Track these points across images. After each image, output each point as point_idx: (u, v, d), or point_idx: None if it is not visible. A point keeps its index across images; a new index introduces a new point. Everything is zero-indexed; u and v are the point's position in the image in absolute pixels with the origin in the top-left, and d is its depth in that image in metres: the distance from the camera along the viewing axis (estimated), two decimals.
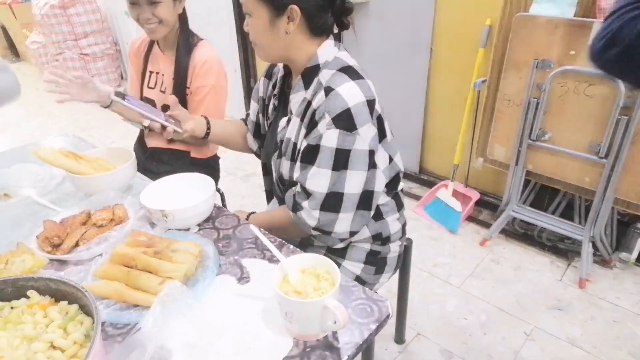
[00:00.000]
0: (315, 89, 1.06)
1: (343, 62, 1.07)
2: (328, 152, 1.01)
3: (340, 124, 0.99)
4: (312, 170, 1.05)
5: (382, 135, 1.10)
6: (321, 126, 1.01)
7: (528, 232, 2.29)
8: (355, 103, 1.00)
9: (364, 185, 1.06)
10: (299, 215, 1.09)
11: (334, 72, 1.04)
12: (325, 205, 1.06)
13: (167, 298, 0.80)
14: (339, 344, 0.79)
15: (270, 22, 1.02)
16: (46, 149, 1.20)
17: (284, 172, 1.16)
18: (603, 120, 1.76)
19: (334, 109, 0.99)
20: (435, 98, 2.54)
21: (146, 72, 1.67)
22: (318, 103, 1.02)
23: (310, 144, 1.04)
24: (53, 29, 4.28)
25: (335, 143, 1.00)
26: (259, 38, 1.07)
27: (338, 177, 1.03)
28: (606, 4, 1.67)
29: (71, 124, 3.99)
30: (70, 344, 0.68)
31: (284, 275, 0.83)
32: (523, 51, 1.88)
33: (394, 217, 1.25)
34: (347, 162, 1.02)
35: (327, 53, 1.08)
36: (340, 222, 1.08)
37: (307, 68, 1.08)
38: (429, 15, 2.33)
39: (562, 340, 1.74)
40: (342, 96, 1.00)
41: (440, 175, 2.74)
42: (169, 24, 1.50)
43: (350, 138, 1.00)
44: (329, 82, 1.03)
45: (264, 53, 1.11)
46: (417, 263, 2.14)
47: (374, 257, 1.25)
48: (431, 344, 1.74)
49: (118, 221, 1.10)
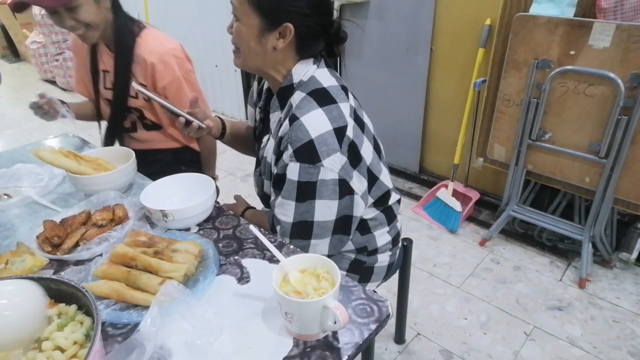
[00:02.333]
0: (287, 112, 1.02)
1: (317, 84, 1.02)
2: (291, 184, 0.98)
3: (302, 157, 0.95)
4: (279, 200, 1.03)
5: (356, 161, 1.02)
6: (285, 156, 0.98)
7: (528, 232, 2.29)
8: (319, 134, 0.95)
9: (337, 212, 1.02)
10: (277, 236, 1.08)
11: (304, 95, 1.00)
12: (294, 233, 1.04)
13: (165, 298, 0.80)
14: (339, 344, 0.79)
15: (260, 34, 0.98)
16: (46, 149, 1.20)
17: (266, 189, 1.15)
18: (603, 120, 1.76)
19: (296, 141, 0.95)
20: (435, 98, 2.54)
21: (98, 72, 1.54)
22: (284, 131, 0.99)
23: (278, 172, 1.02)
24: (53, 29, 4.28)
25: (296, 176, 0.97)
26: (242, 44, 1.02)
27: (306, 207, 1.00)
28: (606, 4, 1.67)
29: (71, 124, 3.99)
30: (70, 344, 0.68)
31: (284, 275, 0.83)
32: (523, 51, 1.88)
33: (382, 230, 1.21)
34: (314, 193, 0.98)
35: (302, 72, 1.03)
36: (314, 247, 1.06)
37: (282, 87, 1.05)
38: (429, 15, 2.33)
39: (562, 340, 1.74)
40: (305, 127, 0.95)
41: (440, 175, 2.74)
42: (98, 25, 1.37)
43: (313, 170, 0.96)
44: (296, 108, 0.99)
45: (242, 60, 1.05)
46: (417, 263, 2.15)
47: (359, 266, 1.23)
48: (431, 344, 1.74)
49: (118, 221, 1.10)
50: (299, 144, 0.95)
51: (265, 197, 1.19)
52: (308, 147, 0.95)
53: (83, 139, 1.68)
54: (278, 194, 1.03)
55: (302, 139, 0.95)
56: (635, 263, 2.08)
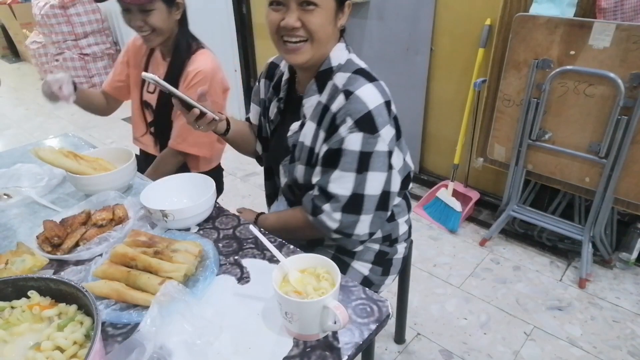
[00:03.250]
0: (331, 93, 1.05)
1: (356, 65, 1.07)
2: (352, 155, 1.01)
3: (363, 127, 0.99)
4: (335, 173, 1.03)
5: (398, 135, 1.09)
6: (343, 130, 1.00)
7: (528, 232, 2.29)
8: (375, 105, 1.00)
9: (383, 186, 1.06)
10: (319, 219, 1.07)
11: (349, 74, 1.04)
12: (348, 207, 1.05)
13: (165, 298, 0.80)
14: (339, 344, 0.79)
15: (335, 15, 1.01)
16: (46, 149, 1.20)
17: (299, 176, 1.14)
18: (603, 120, 1.76)
19: (355, 112, 0.99)
20: (435, 98, 2.54)
21: None
22: (338, 107, 1.01)
23: (331, 148, 1.03)
24: (53, 29, 4.28)
25: (359, 146, 1.00)
26: (320, 32, 1.00)
27: (361, 179, 1.03)
28: (606, 4, 1.67)
29: (71, 124, 3.99)
30: (70, 344, 0.68)
31: (284, 275, 0.83)
32: (523, 51, 1.88)
33: (403, 218, 1.25)
34: (369, 164, 1.02)
35: (339, 56, 1.07)
36: (361, 223, 1.07)
37: (321, 71, 1.07)
38: (429, 15, 2.33)
39: (562, 340, 1.74)
40: (362, 99, 0.99)
41: (440, 175, 2.74)
42: (163, 32, 1.44)
43: (372, 140, 1.00)
44: (346, 85, 1.02)
45: (314, 50, 1.03)
46: (417, 263, 2.15)
47: (382, 258, 1.25)
48: (431, 344, 1.74)
49: (118, 221, 1.10)
50: (360, 115, 0.99)
51: (295, 184, 1.17)
52: (368, 118, 0.99)
53: (83, 139, 1.68)
54: (328, 171, 1.04)
55: (362, 110, 0.99)
56: (635, 263, 2.08)
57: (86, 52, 4.48)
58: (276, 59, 1.27)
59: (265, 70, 1.28)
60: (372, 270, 1.24)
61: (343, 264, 1.21)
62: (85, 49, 4.46)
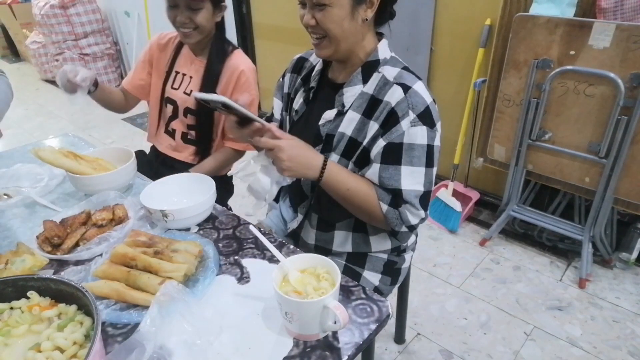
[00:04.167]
0: (379, 84, 1.05)
1: (401, 62, 1.08)
2: (420, 149, 1.01)
3: (425, 120, 1.00)
4: (405, 169, 1.01)
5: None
6: (405, 123, 1.00)
7: (528, 232, 2.29)
8: (430, 101, 1.02)
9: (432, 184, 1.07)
10: (401, 211, 1.02)
11: (399, 69, 1.05)
12: (424, 203, 1.04)
13: (165, 298, 0.80)
14: (339, 344, 0.79)
15: (352, 10, 1.00)
16: (46, 149, 1.20)
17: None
18: (603, 120, 1.76)
19: (417, 106, 1.00)
20: (436, 98, 2.53)
21: (172, 71, 1.64)
22: (396, 100, 1.01)
23: (392, 142, 1.01)
24: (53, 29, 4.28)
25: (425, 140, 1.01)
26: (335, 29, 1.00)
27: (429, 173, 1.03)
28: (606, 4, 1.67)
29: (71, 124, 3.99)
30: (70, 345, 0.68)
31: (284, 275, 0.83)
32: (523, 51, 1.88)
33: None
34: (433, 159, 1.03)
35: (386, 50, 1.09)
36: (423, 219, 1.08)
37: (367, 62, 1.07)
38: (429, 15, 2.33)
39: (562, 340, 1.74)
40: (420, 93, 1.01)
41: (440, 175, 2.73)
42: (204, 30, 1.48)
43: (432, 135, 1.02)
44: (398, 78, 1.03)
45: (333, 47, 1.03)
46: (417, 263, 2.15)
47: (391, 267, 1.24)
48: (431, 344, 1.74)
49: (118, 221, 1.10)
50: (421, 109, 1.00)
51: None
52: (428, 112, 1.01)
53: (83, 139, 1.68)
54: (390, 167, 1.01)
55: (422, 104, 1.01)
56: (635, 263, 2.08)
57: (86, 52, 4.48)
58: (305, 54, 1.27)
59: (291, 66, 1.28)
60: (382, 280, 1.23)
61: (355, 274, 1.21)
62: (85, 49, 4.46)
